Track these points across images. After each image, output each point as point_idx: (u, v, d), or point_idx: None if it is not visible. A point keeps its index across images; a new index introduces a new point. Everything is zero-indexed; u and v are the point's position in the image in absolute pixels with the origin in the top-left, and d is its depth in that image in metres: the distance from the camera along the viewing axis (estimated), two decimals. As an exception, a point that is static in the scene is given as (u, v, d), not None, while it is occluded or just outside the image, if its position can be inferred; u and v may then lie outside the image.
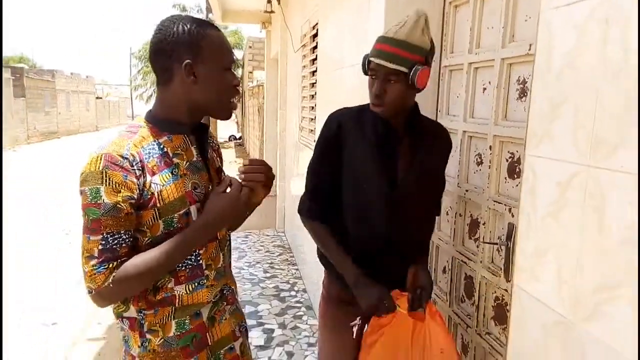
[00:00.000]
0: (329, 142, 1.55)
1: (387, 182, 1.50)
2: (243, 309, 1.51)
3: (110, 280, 1.10)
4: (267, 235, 6.16)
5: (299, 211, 1.67)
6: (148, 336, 1.22)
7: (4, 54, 21.86)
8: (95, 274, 1.10)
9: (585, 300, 0.97)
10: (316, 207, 1.61)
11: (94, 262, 1.10)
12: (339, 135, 1.52)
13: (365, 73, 1.48)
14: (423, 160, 1.53)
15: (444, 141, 1.62)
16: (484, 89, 1.71)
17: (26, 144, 21.24)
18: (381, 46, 1.40)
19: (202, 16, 20.34)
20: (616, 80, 0.90)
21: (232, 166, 13.20)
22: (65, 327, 3.83)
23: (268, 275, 4.70)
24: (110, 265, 1.10)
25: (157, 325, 1.22)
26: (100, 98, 37.64)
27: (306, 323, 3.67)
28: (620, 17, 0.89)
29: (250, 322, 3.48)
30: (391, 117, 1.48)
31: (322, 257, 1.68)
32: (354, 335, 1.51)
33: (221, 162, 1.44)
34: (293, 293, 4.26)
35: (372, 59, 1.42)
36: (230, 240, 1.42)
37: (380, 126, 1.49)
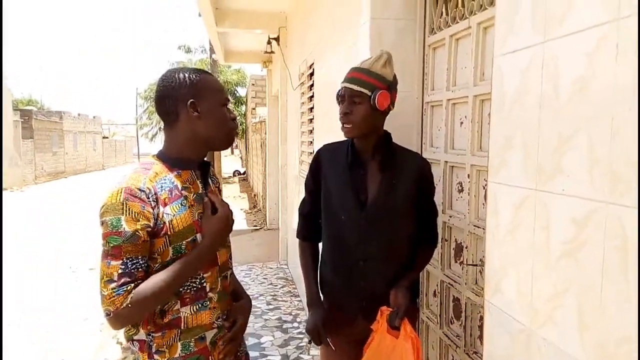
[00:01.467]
0: (311, 172, 1.80)
1: (357, 203, 1.64)
2: (246, 341, 1.59)
3: (128, 302, 1.19)
4: (270, 268, 6.21)
5: (296, 234, 1.89)
6: (156, 357, 1.32)
7: (13, 97, 22.36)
8: (114, 297, 1.19)
9: (540, 309, 1.08)
10: (305, 230, 1.85)
11: (113, 285, 1.20)
12: (318, 166, 1.77)
13: (339, 103, 1.68)
14: (391, 183, 1.64)
15: (416, 167, 1.69)
16: (461, 122, 1.85)
17: (34, 184, 21.50)
18: (349, 74, 1.66)
19: (205, 56, 20.84)
20: (550, 115, 1.05)
21: (236, 201, 13.35)
22: (72, 362, 3.88)
23: (271, 307, 4.74)
24: (128, 288, 1.20)
25: (164, 346, 1.31)
26: (107, 137, 38.24)
27: (308, 354, 3.71)
28: (552, 62, 1.04)
29: (253, 354, 3.53)
30: (360, 140, 1.67)
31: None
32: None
33: (220, 196, 1.56)
34: (295, 324, 4.30)
35: (341, 84, 1.66)
36: (232, 268, 1.52)
37: (349, 151, 1.68)
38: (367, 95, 1.59)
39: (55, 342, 4.31)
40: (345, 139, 1.71)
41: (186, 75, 1.35)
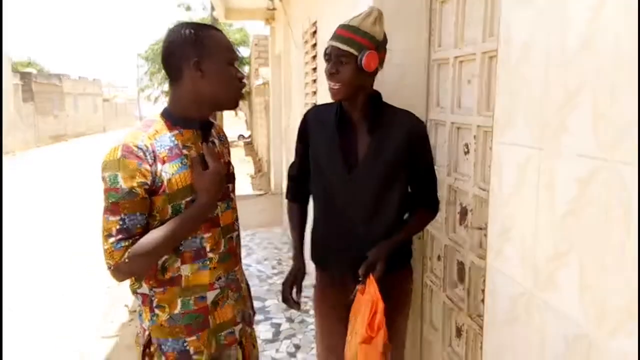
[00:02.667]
0: (299, 135, 1.78)
1: (345, 165, 1.62)
2: (250, 313, 1.59)
3: (126, 257, 1.23)
4: (275, 233, 6.23)
5: (285, 195, 1.89)
6: (157, 311, 1.35)
7: (12, 60, 22.11)
8: (113, 251, 1.23)
9: (541, 270, 1.06)
10: (293, 191, 1.87)
11: (112, 240, 1.23)
12: (306, 128, 1.74)
13: (326, 61, 1.62)
14: (380, 144, 1.60)
15: (407, 127, 1.62)
16: (469, 81, 1.78)
17: (35, 147, 21.52)
18: (336, 31, 1.59)
19: (206, 13, 20.43)
20: (558, 70, 0.99)
21: (242, 164, 13.32)
22: (79, 325, 3.95)
23: (276, 271, 4.78)
24: (126, 243, 1.23)
25: (165, 302, 1.35)
26: (108, 100, 37.98)
27: (312, 317, 3.74)
28: (559, 12, 0.98)
29: (258, 317, 3.56)
30: (348, 101, 1.61)
31: (312, 249, 1.82)
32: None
33: (229, 156, 1.56)
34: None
35: (328, 42, 1.59)
36: (238, 231, 1.52)
37: (338, 113, 1.63)
38: (354, 55, 1.52)
39: (61, 304, 4.38)
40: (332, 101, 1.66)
41: (192, 31, 1.31)
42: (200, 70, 1.30)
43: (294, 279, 1.77)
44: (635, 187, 0.81)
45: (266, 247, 5.63)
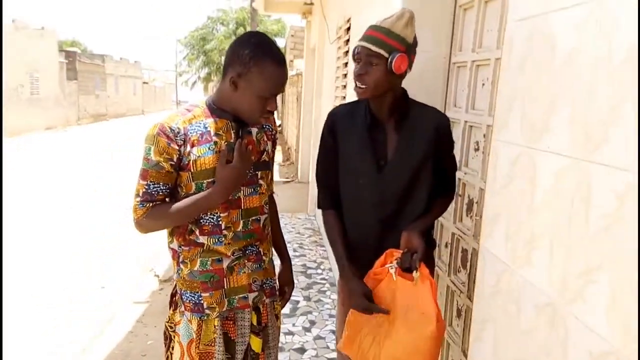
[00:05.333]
0: (325, 136, 1.75)
1: (376, 164, 1.64)
2: (274, 285, 1.74)
3: (145, 215, 1.47)
4: (299, 219, 6.46)
5: (318, 205, 1.83)
6: (181, 266, 1.57)
7: (59, 37, 22.91)
8: (137, 208, 1.48)
9: (520, 250, 1.23)
10: (326, 198, 1.77)
11: (138, 199, 1.48)
12: (333, 129, 1.71)
13: (355, 61, 1.61)
14: (408, 143, 1.62)
15: (433, 123, 1.64)
16: (483, 84, 1.94)
17: (77, 125, 22.32)
18: (367, 32, 1.59)
19: (246, 3, 20.64)
20: (545, 79, 1.16)
21: (269, 152, 13.58)
22: (112, 292, 4.27)
23: (297, 254, 4.99)
24: (148, 205, 1.47)
25: (188, 259, 1.55)
26: (147, 83, 38.94)
27: (329, 297, 3.95)
28: (549, 31, 1.15)
29: (277, 292, 3.79)
30: (375, 101, 1.63)
31: None
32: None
33: (273, 145, 1.68)
34: (319, 271, 4.54)
35: (358, 42, 1.59)
36: (267, 214, 1.64)
37: (367, 113, 1.65)
38: (385, 57, 1.52)
39: (94, 274, 4.71)
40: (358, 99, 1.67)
41: (253, 50, 1.40)
42: (235, 85, 1.43)
43: (363, 296, 1.58)
44: (597, 184, 0.98)
45: (290, 231, 5.85)
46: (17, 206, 6.95)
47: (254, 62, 1.40)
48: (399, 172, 1.63)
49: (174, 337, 1.61)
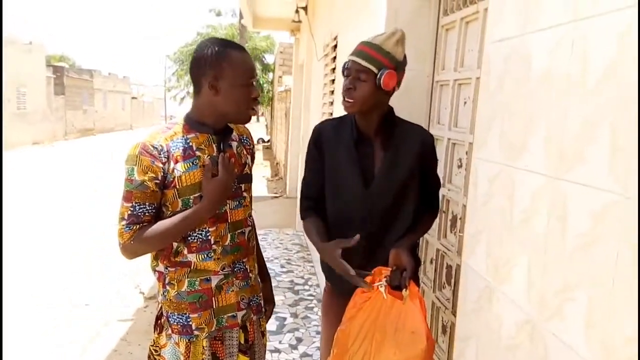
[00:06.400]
0: (311, 149, 1.76)
1: (362, 180, 1.64)
2: (260, 302, 1.72)
3: (132, 239, 1.43)
4: (287, 234, 6.43)
5: (301, 216, 1.83)
6: (167, 288, 1.54)
7: (47, 52, 22.85)
8: (123, 232, 1.44)
9: (501, 267, 1.25)
10: (309, 209, 1.78)
11: (123, 222, 1.44)
12: (320, 143, 1.72)
13: (344, 75, 1.64)
14: (394, 160, 1.63)
15: (418, 141, 1.66)
16: (465, 102, 1.97)
17: (64, 140, 22.15)
18: (358, 47, 1.62)
19: (235, 20, 20.85)
20: (522, 99, 1.19)
21: (259, 168, 13.59)
22: (96, 309, 4.20)
23: (284, 270, 4.97)
24: (135, 228, 1.43)
25: (174, 280, 1.53)
26: (136, 98, 38.85)
27: (316, 314, 3.93)
28: (526, 52, 1.19)
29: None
30: (362, 117, 1.65)
31: (321, 261, 1.80)
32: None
33: (252, 159, 1.70)
34: (307, 287, 4.51)
35: (348, 57, 1.62)
36: (252, 227, 1.65)
37: (354, 128, 1.66)
38: (374, 72, 1.55)
39: (78, 290, 4.64)
40: (345, 114, 1.70)
41: (214, 51, 1.43)
42: (215, 88, 1.43)
43: (334, 255, 1.58)
44: (572, 199, 1.01)
45: (277, 246, 5.83)
46: (17, 206, 6.85)
47: (222, 58, 1.42)
48: (385, 187, 1.64)
49: None
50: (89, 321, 3.93)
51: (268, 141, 20.70)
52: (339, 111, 3.76)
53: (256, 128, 24.87)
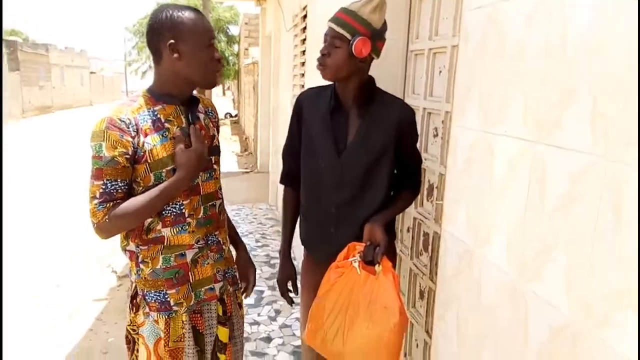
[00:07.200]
0: (293, 116, 1.80)
1: (335, 148, 1.65)
2: (235, 274, 1.74)
3: (107, 217, 1.38)
4: (260, 209, 6.43)
5: (280, 180, 1.92)
6: (141, 266, 1.51)
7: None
8: (96, 211, 1.39)
9: (481, 232, 1.29)
10: (288, 175, 1.87)
11: (95, 201, 1.39)
12: (300, 110, 1.76)
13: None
14: (369, 130, 1.63)
15: (397, 114, 1.65)
16: (440, 71, 1.98)
17: (22, 118, 21.29)
18: (336, 13, 1.62)
19: (197, -8, 20.22)
20: (500, 67, 1.21)
21: (227, 143, 13.43)
22: (70, 289, 4.13)
23: (259, 244, 4.98)
24: (108, 205, 1.38)
25: (148, 258, 1.50)
26: (95, 73, 37.51)
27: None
28: (503, 20, 1.20)
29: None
30: (340, 85, 1.65)
31: (300, 229, 1.88)
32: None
33: (217, 132, 1.67)
34: (282, 260, 4.54)
35: (327, 22, 1.63)
36: (221, 199, 1.66)
37: (332, 96, 1.67)
38: (347, 39, 1.54)
39: (52, 271, 4.54)
40: (328, 83, 1.70)
41: (169, 14, 1.39)
42: (177, 52, 1.39)
43: (287, 280, 1.85)
44: (552, 166, 1.04)
45: (251, 221, 5.83)
46: (17, 207, 6.59)
47: (179, 20, 1.39)
48: (357, 156, 1.64)
49: (138, 339, 1.57)
50: (63, 304, 3.87)
51: (235, 115, 20.42)
52: (311, 82, 3.74)
53: (223, 102, 24.45)
